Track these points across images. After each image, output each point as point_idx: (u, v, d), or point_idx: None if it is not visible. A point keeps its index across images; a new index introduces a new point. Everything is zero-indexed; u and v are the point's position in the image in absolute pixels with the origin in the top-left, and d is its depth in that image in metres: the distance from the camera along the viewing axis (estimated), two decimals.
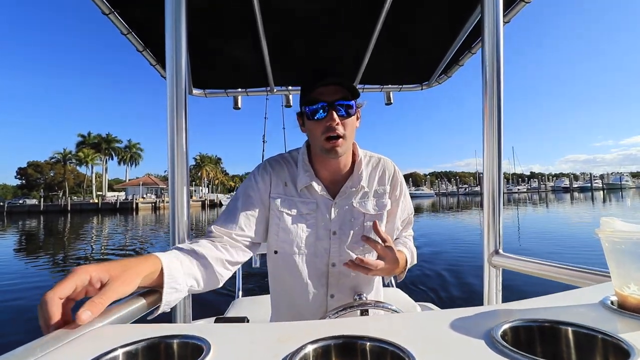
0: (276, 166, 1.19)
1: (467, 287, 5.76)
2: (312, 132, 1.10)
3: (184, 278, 0.83)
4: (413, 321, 0.56)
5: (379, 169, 1.23)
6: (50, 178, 71.16)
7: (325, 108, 1.04)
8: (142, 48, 1.57)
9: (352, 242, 1.16)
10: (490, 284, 1.23)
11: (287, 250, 1.14)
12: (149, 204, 51.32)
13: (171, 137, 1.02)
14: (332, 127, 1.03)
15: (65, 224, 26.83)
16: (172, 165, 1.04)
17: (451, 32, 1.64)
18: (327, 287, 1.15)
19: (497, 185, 1.21)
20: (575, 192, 73.32)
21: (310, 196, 1.15)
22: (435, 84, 2.19)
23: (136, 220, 29.63)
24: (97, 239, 16.36)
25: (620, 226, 0.55)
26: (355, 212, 1.16)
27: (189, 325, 0.54)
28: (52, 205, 51.51)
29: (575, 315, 0.53)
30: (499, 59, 1.16)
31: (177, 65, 1.00)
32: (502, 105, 1.18)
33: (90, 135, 69.06)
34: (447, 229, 15.41)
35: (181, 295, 0.82)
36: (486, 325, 0.50)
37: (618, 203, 32.18)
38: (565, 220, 17.76)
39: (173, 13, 1.00)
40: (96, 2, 1.24)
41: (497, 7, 1.15)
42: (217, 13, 1.47)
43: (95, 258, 10.93)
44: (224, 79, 2.18)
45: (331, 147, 1.05)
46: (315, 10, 1.46)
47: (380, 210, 1.19)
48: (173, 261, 0.82)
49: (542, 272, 1.02)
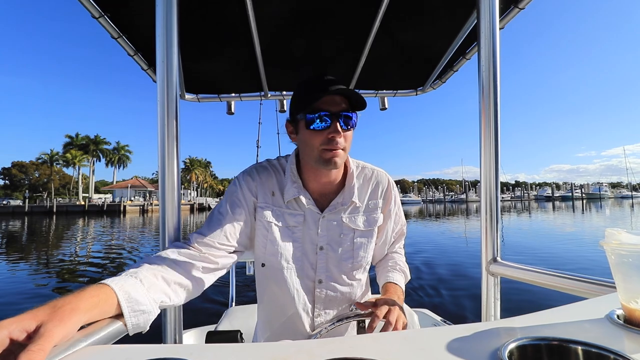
0: (264, 173, 1.12)
1: (462, 292, 5.76)
2: (308, 142, 1.01)
3: (149, 295, 0.75)
4: (414, 340, 0.54)
5: (372, 182, 1.17)
6: (35, 179, 69.44)
7: (328, 118, 0.97)
8: (134, 52, 1.54)
9: (341, 259, 1.11)
10: (489, 293, 1.19)
11: (274, 264, 1.09)
12: (136, 207, 50.63)
13: (162, 142, 0.99)
14: (335, 140, 0.97)
15: (52, 226, 26.11)
16: (162, 170, 1.00)
17: (447, 38, 1.63)
18: (313, 304, 1.10)
19: (494, 193, 1.19)
20: (557, 201, 75.02)
21: (297, 208, 1.09)
22: (430, 89, 2.18)
23: (124, 223, 29.12)
24: (85, 241, 15.94)
25: (626, 238, 0.53)
26: (344, 227, 1.11)
27: (178, 346, 0.51)
28: (38, 207, 50.09)
29: (582, 332, 0.51)
30: (495, 65, 1.14)
31: (168, 70, 0.97)
32: (499, 112, 1.16)
33: (78, 136, 67.72)
34: (439, 235, 15.52)
35: (152, 316, 0.74)
36: (492, 344, 0.48)
37: (598, 212, 32.92)
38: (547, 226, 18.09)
39: (164, 17, 0.97)
40: (86, 5, 1.21)
41: (493, 13, 1.14)
42: (211, 18, 1.44)
43: (82, 262, 10.62)
44: (218, 84, 2.14)
45: (330, 158, 0.99)
46: (311, 14, 1.44)
47: (371, 226, 1.14)
48: (128, 282, 0.73)
49: (542, 281, 0.99)
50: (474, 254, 8.98)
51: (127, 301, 0.69)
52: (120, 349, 0.53)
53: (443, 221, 25.07)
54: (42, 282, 7.75)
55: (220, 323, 1.94)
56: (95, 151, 69.12)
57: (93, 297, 0.64)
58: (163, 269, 0.84)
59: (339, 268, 1.11)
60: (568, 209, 39.28)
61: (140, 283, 0.75)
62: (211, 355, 0.49)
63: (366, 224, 1.14)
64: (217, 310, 4.49)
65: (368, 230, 1.14)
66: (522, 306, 3.90)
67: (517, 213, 33.93)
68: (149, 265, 0.83)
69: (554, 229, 17.33)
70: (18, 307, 5.19)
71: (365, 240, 1.14)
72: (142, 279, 0.77)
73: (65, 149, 66.31)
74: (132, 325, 0.69)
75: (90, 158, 67.37)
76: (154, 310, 0.75)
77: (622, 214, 30.23)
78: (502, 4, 1.25)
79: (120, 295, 0.68)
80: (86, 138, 68.64)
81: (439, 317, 2.33)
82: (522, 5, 1.29)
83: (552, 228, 18.02)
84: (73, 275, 8.47)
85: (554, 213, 32.05)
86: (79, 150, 65.79)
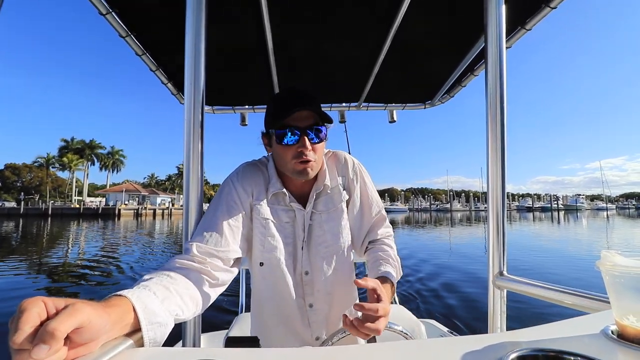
0: (255, 171, 1.11)
1: (467, 302, 5.69)
2: (281, 155, 1.03)
3: (164, 307, 0.68)
4: (424, 351, 0.57)
5: (336, 161, 1.18)
6: (27, 181, 67.94)
7: (297, 133, 0.98)
8: (142, 52, 1.52)
9: (318, 246, 1.11)
10: (495, 306, 1.18)
11: (272, 260, 1.06)
12: (131, 211, 50.10)
13: (187, 155, 0.99)
14: (304, 153, 0.99)
15: (48, 228, 25.57)
16: (187, 176, 1.00)
17: (457, 55, 1.67)
18: (303, 297, 1.10)
19: (501, 206, 1.18)
20: (537, 212, 76.30)
21: (286, 205, 1.10)
22: (439, 103, 2.20)
23: (120, 226, 28.68)
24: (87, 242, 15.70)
25: (619, 260, 0.58)
26: (314, 217, 1.11)
27: (211, 350, 0.52)
28: (33, 209, 49.21)
29: (579, 345, 0.54)
30: (502, 83, 1.17)
31: (195, 84, 0.99)
32: (505, 127, 1.17)
33: (74, 140, 66.86)
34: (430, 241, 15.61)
35: (167, 330, 0.67)
36: (496, 354, 0.52)
37: (575, 223, 33.60)
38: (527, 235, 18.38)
39: (193, 33, 0.98)
40: (114, 25, 1.24)
41: (500, 35, 1.16)
42: (228, 32, 1.46)
43: (82, 264, 10.38)
44: (232, 95, 2.16)
45: (303, 169, 1.01)
46: (324, 29, 1.47)
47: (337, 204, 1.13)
48: (143, 294, 0.66)
49: (546, 296, 1.01)
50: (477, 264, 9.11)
51: (145, 312, 0.62)
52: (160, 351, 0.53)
53: (429, 230, 25.19)
54: (44, 284, 7.54)
55: (232, 329, 1.93)
56: (90, 155, 68.21)
57: (119, 307, 0.59)
58: (173, 282, 0.78)
59: (319, 256, 1.10)
60: (547, 220, 40.00)
61: (154, 295, 0.68)
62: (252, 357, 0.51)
63: (330, 204, 1.12)
64: (219, 316, 4.50)
65: (333, 210, 1.12)
66: (522, 315, 3.96)
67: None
68: (158, 278, 0.76)
69: (537, 238, 17.59)
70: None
71: (334, 224, 1.12)
72: (155, 291, 0.70)
73: (61, 152, 65.29)
74: (150, 340, 0.62)
75: (85, 162, 66.41)
76: (170, 324, 0.69)
77: (595, 224, 30.93)
78: (509, 25, 1.27)
79: (139, 307, 0.61)
80: (82, 142, 67.78)
81: (446, 328, 2.29)
82: (529, 27, 1.33)
83: (532, 237, 18.29)
84: (75, 277, 8.30)
85: (534, 223, 32.60)
86: (75, 154, 64.80)
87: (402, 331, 0.99)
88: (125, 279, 8.16)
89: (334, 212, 1.12)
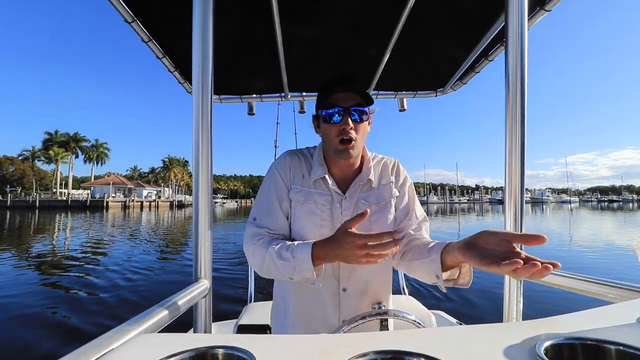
0: (295, 158, 1.18)
1: (473, 294, 5.43)
2: (326, 134, 1.09)
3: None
4: (450, 337, 0.52)
5: (382, 163, 1.22)
6: (9, 174, 65.37)
7: (341, 113, 1.04)
8: (148, 39, 1.44)
9: None
10: (512, 295, 1.13)
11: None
12: (119, 203, 49.60)
13: (196, 145, 0.95)
14: (346, 131, 1.04)
15: (36, 220, 25.13)
16: (196, 172, 0.96)
17: (472, 40, 1.57)
18: (338, 280, 1.11)
19: (519, 197, 1.12)
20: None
21: (325, 189, 1.13)
22: (450, 91, 2.09)
23: (109, 218, 28.36)
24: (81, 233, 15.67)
25: None
26: (361, 205, 1.13)
27: (231, 336, 0.52)
28: (20, 201, 47.74)
29: (614, 334, 0.49)
30: (523, 67, 1.08)
31: (204, 77, 0.95)
32: (525, 115, 1.09)
33: (58, 133, 64.50)
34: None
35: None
36: (527, 342, 0.47)
37: (541, 214, 35.35)
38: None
39: (200, 24, 0.95)
40: (120, 10, 1.23)
41: (522, 15, 1.07)
42: (237, 22, 1.45)
43: (72, 256, 10.44)
44: (239, 85, 2.10)
45: (344, 149, 1.05)
46: (333, 17, 1.43)
47: (386, 199, 1.15)
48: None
49: (567, 285, 0.95)
50: None
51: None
52: (173, 337, 0.53)
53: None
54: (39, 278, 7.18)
55: (242, 317, 1.92)
56: (75, 148, 66.24)
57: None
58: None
59: None
60: None
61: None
62: (262, 345, 0.49)
63: (380, 198, 1.15)
64: (226, 305, 4.71)
65: (383, 204, 1.14)
66: (541, 308, 3.89)
67: (475, 214, 36.23)
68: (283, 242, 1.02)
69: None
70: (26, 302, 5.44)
71: (382, 216, 1.13)
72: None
73: (45, 145, 63.04)
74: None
75: (70, 155, 64.48)
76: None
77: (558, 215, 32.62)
78: (528, 6, 1.16)
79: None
80: (66, 135, 65.54)
81: (454, 320, 2.23)
82: (548, 8, 1.24)
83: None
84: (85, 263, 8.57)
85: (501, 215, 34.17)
86: (59, 147, 62.77)
87: (415, 320, 1.00)
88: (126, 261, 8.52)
89: (384, 205, 1.15)
